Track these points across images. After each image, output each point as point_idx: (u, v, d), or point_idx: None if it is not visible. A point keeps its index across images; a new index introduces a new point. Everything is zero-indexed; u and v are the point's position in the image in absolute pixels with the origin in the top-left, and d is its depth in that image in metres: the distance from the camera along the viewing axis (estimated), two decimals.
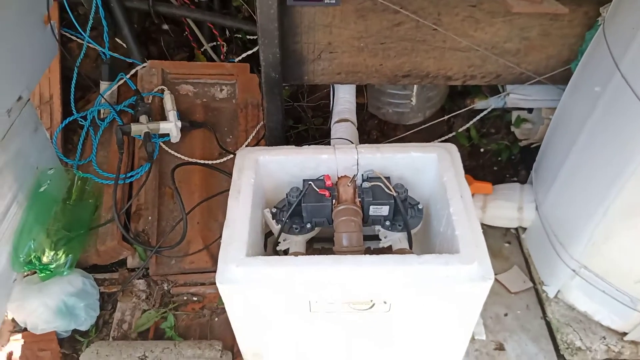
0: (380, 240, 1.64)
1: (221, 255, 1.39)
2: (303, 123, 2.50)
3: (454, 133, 2.35)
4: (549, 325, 1.87)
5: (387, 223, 1.62)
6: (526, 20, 1.78)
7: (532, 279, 1.99)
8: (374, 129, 2.46)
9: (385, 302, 1.38)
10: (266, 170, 1.68)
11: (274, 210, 1.67)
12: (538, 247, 1.97)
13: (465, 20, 1.78)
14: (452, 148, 1.68)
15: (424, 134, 2.37)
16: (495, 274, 2.02)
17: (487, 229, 2.17)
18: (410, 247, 1.64)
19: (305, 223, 1.64)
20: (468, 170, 2.36)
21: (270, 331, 1.50)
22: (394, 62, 1.90)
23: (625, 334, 1.74)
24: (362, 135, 2.46)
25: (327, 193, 1.59)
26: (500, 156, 2.37)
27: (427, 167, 1.65)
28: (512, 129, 2.30)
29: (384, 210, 1.61)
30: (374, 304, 1.39)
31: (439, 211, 1.59)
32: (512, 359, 1.81)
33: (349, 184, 1.62)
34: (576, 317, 1.84)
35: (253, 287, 1.35)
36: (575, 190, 1.67)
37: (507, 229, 2.17)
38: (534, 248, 2.01)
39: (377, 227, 1.65)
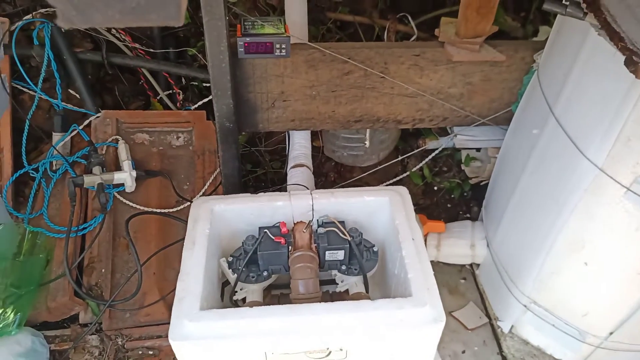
0: (337, 284, 1.66)
1: (174, 310, 1.38)
2: (261, 167, 2.53)
3: (408, 173, 2.41)
4: None
5: (343, 267, 1.64)
6: (468, 67, 1.88)
7: (487, 315, 2.03)
8: (331, 170, 2.50)
9: (341, 349, 1.38)
10: (222, 219, 1.68)
11: (231, 259, 1.67)
12: (491, 283, 2.02)
13: (410, 68, 1.87)
14: (403, 190, 1.73)
15: (379, 175, 2.43)
16: (452, 311, 2.08)
17: (443, 266, 2.22)
18: (367, 290, 1.66)
19: (261, 271, 1.64)
20: (423, 208, 2.45)
21: None
22: (346, 108, 1.96)
23: None
24: (319, 178, 2.50)
25: (282, 240, 1.60)
26: (453, 194, 2.45)
27: (380, 210, 1.69)
28: (463, 167, 2.39)
29: (340, 254, 1.63)
30: (330, 352, 1.39)
31: (393, 253, 1.62)
32: None
33: (305, 230, 1.64)
34: (530, 351, 1.88)
35: (207, 342, 1.33)
36: (521, 228, 1.74)
37: (463, 266, 2.22)
38: (487, 284, 2.06)
39: (334, 272, 1.66)
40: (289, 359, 1.39)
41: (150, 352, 1.96)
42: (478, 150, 2.38)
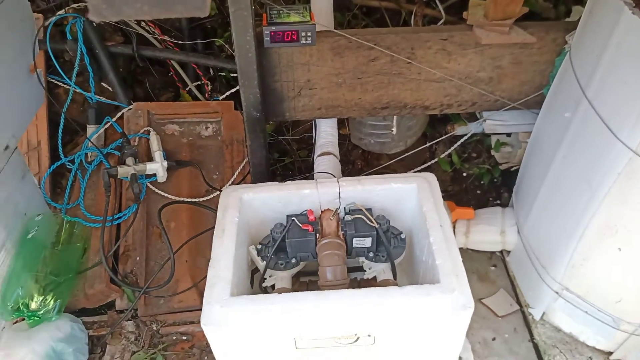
0: (365, 271, 1.67)
1: (206, 296, 1.41)
2: (288, 156, 2.54)
3: (436, 159, 2.39)
4: (536, 347, 1.88)
5: (371, 254, 1.65)
6: (497, 50, 1.84)
7: (518, 302, 2.01)
8: (358, 158, 2.50)
9: (369, 335, 1.39)
10: (250, 207, 1.71)
11: (259, 246, 1.70)
12: (522, 270, 1.99)
13: (438, 52, 1.84)
14: (431, 177, 1.72)
15: (407, 162, 2.41)
16: (482, 298, 2.06)
17: (472, 253, 2.20)
18: (395, 277, 1.66)
19: (290, 258, 1.66)
20: (452, 195, 2.43)
21: None
22: (372, 95, 1.95)
23: (610, 353, 1.75)
24: (346, 166, 2.50)
25: (310, 228, 1.62)
26: (483, 180, 2.41)
27: (408, 197, 1.69)
28: (493, 152, 2.35)
29: (367, 242, 1.63)
30: (358, 338, 1.40)
31: (421, 240, 1.62)
32: None
33: (332, 218, 1.65)
34: (562, 338, 1.85)
35: (238, 327, 1.36)
36: (553, 213, 1.71)
37: (493, 253, 2.19)
38: (518, 271, 2.03)
39: (361, 259, 1.67)
40: (318, 344, 1.41)
41: (184, 338, 2.02)
42: (508, 135, 2.33)
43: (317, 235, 1.63)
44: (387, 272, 1.63)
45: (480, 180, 2.43)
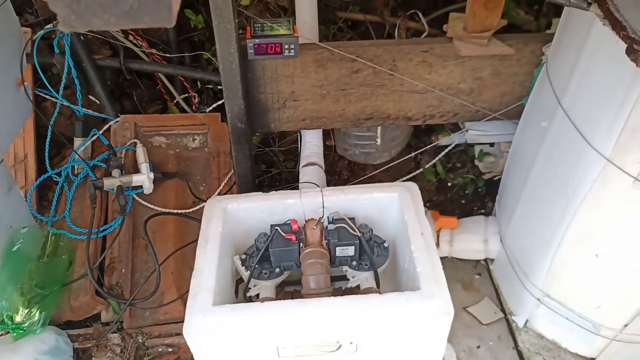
0: (348, 280, 1.68)
1: (188, 305, 1.42)
2: (275, 167, 2.56)
3: (421, 169, 2.42)
4: (520, 355, 1.89)
5: (354, 263, 1.66)
6: (476, 61, 1.88)
7: (502, 310, 2.03)
8: (344, 169, 2.52)
9: (351, 343, 1.40)
10: (235, 217, 1.72)
11: (244, 256, 1.70)
12: (505, 277, 2.01)
13: (419, 64, 1.88)
14: (413, 186, 1.74)
15: (392, 172, 2.43)
16: (467, 306, 2.08)
17: (457, 261, 2.22)
18: (378, 285, 1.67)
19: (274, 268, 1.67)
20: (437, 204, 2.45)
21: None
22: (356, 106, 1.98)
23: (593, 359, 1.77)
24: (333, 176, 2.53)
25: (293, 237, 1.63)
26: (467, 189, 2.44)
27: (390, 207, 1.71)
28: (476, 162, 2.38)
29: (350, 250, 1.65)
30: (340, 346, 1.41)
31: (404, 248, 1.64)
32: None
33: (315, 227, 1.66)
34: (546, 345, 1.87)
35: (221, 336, 1.37)
36: (532, 221, 1.74)
37: (477, 261, 2.21)
38: (502, 278, 2.05)
39: (345, 268, 1.69)
40: (300, 353, 1.42)
41: (170, 350, 2.01)
42: (492, 145, 2.37)
43: (301, 244, 1.65)
44: (370, 281, 1.65)
45: (464, 189, 2.47)
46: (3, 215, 1.98)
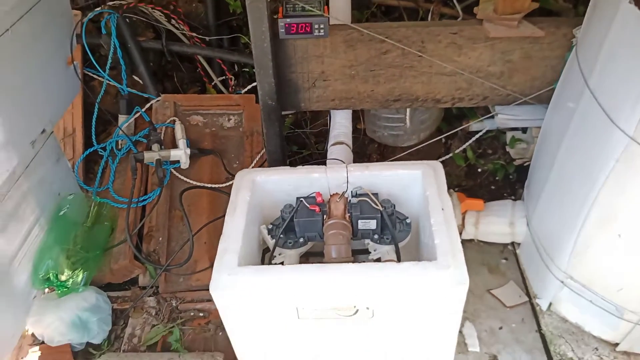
0: (370, 253, 1.73)
1: (215, 265, 1.51)
2: (307, 148, 2.64)
3: (450, 154, 2.44)
4: (543, 337, 1.90)
5: (376, 236, 1.71)
6: (507, 44, 1.89)
7: (527, 294, 2.03)
8: (374, 152, 2.57)
9: (368, 308, 1.45)
10: (263, 189, 1.80)
11: (270, 226, 1.78)
12: (530, 261, 2.01)
13: (448, 46, 1.90)
14: (437, 165, 1.78)
15: (422, 156, 2.45)
16: (491, 289, 2.09)
17: (484, 245, 2.23)
18: (399, 259, 1.72)
19: (298, 238, 1.74)
20: (466, 189, 2.47)
21: (263, 338, 1.59)
22: (384, 87, 2.02)
23: (617, 344, 1.76)
24: (362, 159, 2.58)
25: (317, 209, 1.70)
26: (497, 175, 2.44)
27: (413, 184, 1.75)
28: (507, 149, 2.38)
29: (372, 224, 1.70)
30: (357, 310, 1.46)
31: (425, 224, 1.67)
32: None
33: (338, 200, 1.72)
34: (569, 328, 1.86)
35: (244, 295, 1.45)
36: (557, 203, 1.74)
37: (505, 246, 2.22)
38: (527, 262, 2.05)
39: (367, 241, 1.74)
40: (319, 315, 1.48)
41: (201, 314, 2.12)
42: (524, 131, 2.36)
43: (325, 216, 1.71)
44: (391, 254, 1.69)
45: (494, 175, 2.46)
46: (52, 183, 2.14)
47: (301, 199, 1.72)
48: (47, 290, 2.08)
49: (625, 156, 1.36)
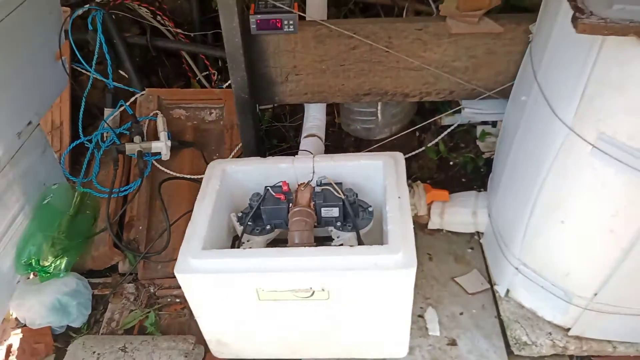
0: (333, 240, 1.82)
1: (181, 249, 1.60)
2: (286, 142, 2.72)
3: (423, 148, 2.51)
4: (501, 322, 1.96)
5: (338, 224, 1.80)
6: (470, 40, 1.96)
7: (490, 282, 2.10)
8: (351, 145, 2.64)
9: (323, 290, 1.54)
10: (234, 179, 1.89)
11: (240, 214, 1.87)
12: (490, 249, 2.09)
13: (414, 42, 1.98)
14: (398, 156, 1.86)
15: (395, 149, 2.52)
16: (455, 277, 2.16)
17: (452, 235, 2.30)
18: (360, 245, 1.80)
19: (265, 225, 1.83)
20: (438, 182, 2.54)
21: (226, 318, 1.68)
22: (354, 82, 2.09)
23: (569, 329, 1.83)
24: (339, 152, 2.65)
25: (282, 197, 1.79)
26: (468, 168, 2.51)
27: (375, 174, 1.83)
28: (478, 142, 2.45)
29: (335, 211, 1.78)
30: (314, 292, 1.55)
31: (385, 212, 1.75)
32: (463, 354, 1.91)
33: (303, 188, 1.81)
34: (525, 314, 1.93)
35: (207, 277, 1.54)
36: (511, 192, 1.81)
37: (472, 236, 2.29)
38: (488, 250, 2.12)
39: (330, 228, 1.82)
40: (278, 297, 1.57)
41: (177, 300, 2.21)
42: (494, 125, 2.43)
43: (290, 204, 1.80)
44: (352, 241, 1.77)
45: (466, 168, 2.54)
46: (37, 173, 2.23)
47: (268, 187, 1.81)
48: (31, 275, 2.18)
49: (566, 146, 1.43)
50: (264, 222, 1.83)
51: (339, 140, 2.64)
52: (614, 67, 1.22)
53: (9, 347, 2.02)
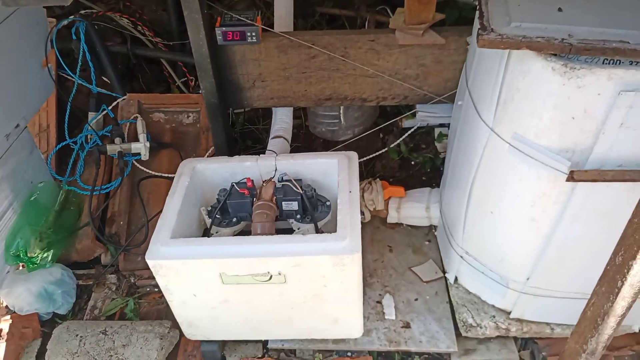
0: (294, 231, 2.00)
1: (152, 238, 1.78)
2: (260, 143, 2.90)
3: (386, 149, 2.70)
4: (452, 307, 2.16)
5: (298, 216, 1.98)
6: (418, 50, 2.16)
7: (443, 271, 2.29)
8: (319, 146, 2.83)
9: (279, 274, 1.72)
10: (203, 176, 2.08)
11: (209, 208, 2.06)
12: (442, 240, 2.28)
13: (368, 52, 2.17)
14: (352, 155, 2.05)
15: (360, 150, 2.69)
16: (412, 267, 2.35)
17: (411, 229, 2.49)
18: None
19: (231, 217, 2.02)
20: (399, 180, 2.74)
21: (195, 301, 1.86)
22: (316, 87, 2.29)
23: (510, 312, 2.02)
24: (308, 152, 2.84)
25: (246, 192, 1.97)
26: (426, 167, 2.71)
27: (331, 171, 2.02)
28: (435, 143, 2.65)
29: (294, 205, 1.97)
30: (271, 276, 1.73)
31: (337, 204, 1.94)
32: (416, 335, 2.10)
33: (266, 184, 2.00)
34: (471, 299, 2.12)
35: (175, 263, 1.72)
36: (454, 187, 2.01)
37: (430, 229, 2.48)
38: (440, 241, 2.32)
39: (291, 220, 2.01)
40: (240, 281, 1.75)
41: (156, 289, 2.39)
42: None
43: (254, 199, 1.98)
44: (311, 232, 1.96)
45: (425, 167, 2.73)
46: (25, 172, 2.41)
47: (233, 183, 2.00)
48: (20, 266, 2.35)
49: (489, 145, 1.63)
50: (230, 215, 2.01)
51: (308, 141, 2.83)
52: (519, 76, 1.42)
53: None
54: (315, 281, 1.75)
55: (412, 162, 2.76)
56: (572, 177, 1.42)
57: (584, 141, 1.41)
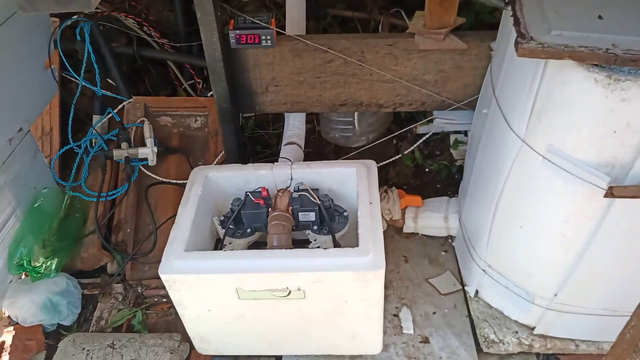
0: (311, 242, 1.93)
1: (165, 251, 1.70)
2: (270, 148, 2.83)
3: (400, 155, 2.63)
4: (471, 321, 2.09)
5: (315, 227, 1.91)
6: (438, 55, 2.09)
7: (461, 283, 2.22)
8: (331, 152, 2.75)
9: (299, 289, 1.65)
10: (216, 184, 2.00)
11: (222, 218, 1.98)
12: (461, 252, 2.21)
13: (385, 56, 2.10)
14: (371, 163, 1.98)
15: (374, 157, 2.61)
16: (429, 278, 2.28)
17: (426, 239, 2.42)
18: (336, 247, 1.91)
19: (246, 228, 1.94)
20: (413, 187, 2.66)
21: (209, 317, 1.78)
22: (331, 93, 2.21)
23: (534, 328, 1.95)
24: (320, 159, 2.76)
25: (261, 202, 1.90)
26: (442, 175, 2.64)
27: (349, 180, 1.95)
28: (451, 150, 2.58)
29: (311, 216, 1.90)
30: (290, 292, 1.66)
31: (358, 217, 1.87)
32: (435, 351, 2.03)
33: (281, 194, 1.92)
34: (493, 313, 2.05)
35: (189, 277, 1.65)
36: (476, 198, 1.94)
37: (446, 239, 2.41)
38: (459, 253, 2.25)
39: (308, 231, 1.94)
40: (257, 296, 1.68)
41: (164, 300, 2.31)
42: (466, 134, 2.56)
43: (269, 209, 1.91)
44: (329, 244, 1.89)
45: (440, 175, 2.66)
46: (28, 178, 2.32)
47: (248, 193, 1.92)
48: (23, 275, 2.27)
49: (520, 157, 1.56)
50: (244, 225, 1.94)
51: (320, 147, 2.75)
52: (557, 87, 1.35)
53: (2, 343, 2.11)
54: (336, 297, 1.68)
55: (427, 170, 2.69)
56: (611, 192, 1.35)
57: (625, 156, 1.34)
